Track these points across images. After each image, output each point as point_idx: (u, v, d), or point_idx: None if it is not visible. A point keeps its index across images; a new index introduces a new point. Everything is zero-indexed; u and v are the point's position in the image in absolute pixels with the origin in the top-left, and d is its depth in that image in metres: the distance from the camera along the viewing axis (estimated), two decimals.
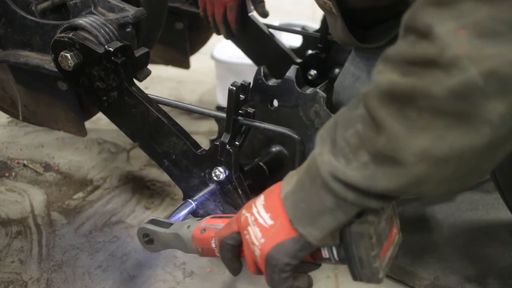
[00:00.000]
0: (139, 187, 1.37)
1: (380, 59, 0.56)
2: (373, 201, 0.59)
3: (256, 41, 1.46)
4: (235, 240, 0.72)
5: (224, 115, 0.89)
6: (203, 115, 0.99)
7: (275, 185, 0.70)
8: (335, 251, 0.67)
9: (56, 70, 0.96)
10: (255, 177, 0.99)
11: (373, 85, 0.56)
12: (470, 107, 0.48)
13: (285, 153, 1.09)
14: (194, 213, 0.97)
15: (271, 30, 1.46)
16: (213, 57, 1.79)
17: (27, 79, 1.09)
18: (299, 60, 1.40)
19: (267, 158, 1.07)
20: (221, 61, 1.77)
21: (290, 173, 0.69)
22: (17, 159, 1.45)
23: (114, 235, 1.18)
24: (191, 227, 0.83)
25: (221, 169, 0.91)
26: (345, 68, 1.10)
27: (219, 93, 1.82)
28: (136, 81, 0.97)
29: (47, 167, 1.43)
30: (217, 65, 1.81)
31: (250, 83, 0.90)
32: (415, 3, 0.53)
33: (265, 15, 1.38)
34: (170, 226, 0.86)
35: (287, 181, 0.68)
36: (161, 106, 0.97)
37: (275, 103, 1.08)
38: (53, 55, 0.94)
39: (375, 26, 1.05)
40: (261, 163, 1.04)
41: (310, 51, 1.38)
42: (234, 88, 0.86)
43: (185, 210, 0.94)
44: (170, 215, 0.91)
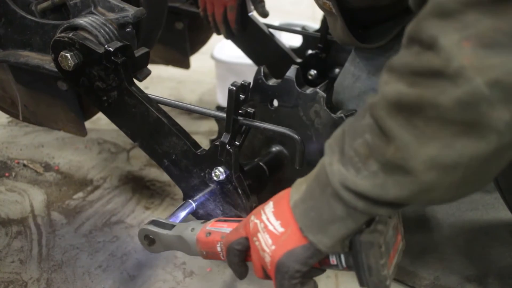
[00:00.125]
0: (139, 187, 1.37)
1: (384, 69, 0.58)
2: (382, 209, 0.61)
3: (256, 41, 1.46)
4: (242, 245, 0.74)
5: (224, 115, 0.89)
6: (203, 115, 0.99)
7: (283, 192, 0.71)
8: (343, 258, 0.69)
9: (56, 70, 0.96)
10: (255, 177, 0.99)
11: (380, 96, 0.57)
12: (476, 115, 0.50)
13: (285, 153, 1.10)
14: (194, 213, 0.97)
15: (271, 30, 1.46)
16: (213, 57, 1.79)
17: (27, 79, 1.09)
18: (299, 60, 1.40)
19: (267, 158, 1.07)
20: (221, 61, 1.77)
21: (298, 180, 0.70)
22: (17, 159, 1.45)
23: (114, 235, 1.18)
24: (196, 230, 0.83)
25: (221, 169, 0.90)
26: (345, 68, 1.10)
27: (219, 93, 1.82)
28: (136, 81, 0.97)
29: (47, 167, 1.43)
30: (217, 65, 1.81)
31: (250, 83, 0.90)
32: (419, 15, 0.54)
33: (265, 15, 1.38)
34: (171, 227, 0.86)
35: (295, 189, 0.69)
36: (161, 106, 0.97)
37: (275, 103, 1.07)
38: (53, 55, 0.94)
39: (375, 26, 1.05)
40: (261, 163, 1.04)
41: (310, 51, 1.38)
42: (234, 88, 0.86)
43: (185, 210, 0.94)
44: (170, 216, 0.91)
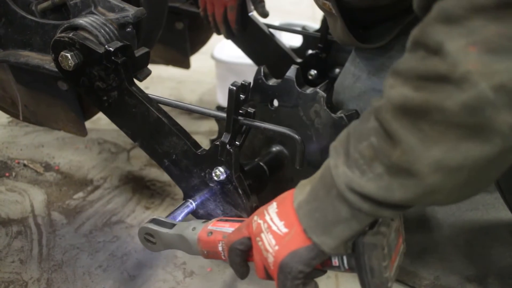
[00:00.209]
0: (139, 187, 1.37)
1: (389, 73, 0.58)
2: (387, 211, 0.61)
3: (256, 41, 1.46)
4: (244, 245, 0.74)
5: (224, 115, 0.89)
6: (203, 115, 0.99)
7: (287, 193, 0.71)
8: (345, 259, 0.69)
9: (56, 70, 0.96)
10: (256, 177, 0.99)
11: (385, 99, 0.57)
12: (482, 119, 0.50)
13: (285, 153, 1.10)
14: (194, 213, 0.97)
15: (271, 30, 1.46)
16: (213, 57, 1.79)
17: (27, 79, 1.09)
18: (299, 60, 1.40)
19: (267, 158, 1.07)
20: (221, 61, 1.77)
21: (302, 182, 0.71)
22: (17, 159, 1.45)
23: (114, 235, 1.18)
24: (197, 229, 0.83)
25: (221, 169, 0.91)
26: (345, 68, 1.10)
27: (219, 93, 1.82)
28: (136, 81, 0.97)
29: (47, 167, 1.43)
30: (217, 65, 1.81)
31: (250, 83, 0.90)
32: (424, 20, 0.54)
33: (265, 15, 1.38)
34: (172, 226, 0.86)
35: (299, 190, 0.69)
36: (161, 106, 0.97)
37: (275, 103, 1.07)
38: (53, 55, 0.94)
39: (375, 26, 1.05)
40: (261, 163, 1.04)
41: (310, 51, 1.38)
42: (234, 88, 0.86)
43: (185, 210, 0.94)
44: (170, 215, 0.91)
